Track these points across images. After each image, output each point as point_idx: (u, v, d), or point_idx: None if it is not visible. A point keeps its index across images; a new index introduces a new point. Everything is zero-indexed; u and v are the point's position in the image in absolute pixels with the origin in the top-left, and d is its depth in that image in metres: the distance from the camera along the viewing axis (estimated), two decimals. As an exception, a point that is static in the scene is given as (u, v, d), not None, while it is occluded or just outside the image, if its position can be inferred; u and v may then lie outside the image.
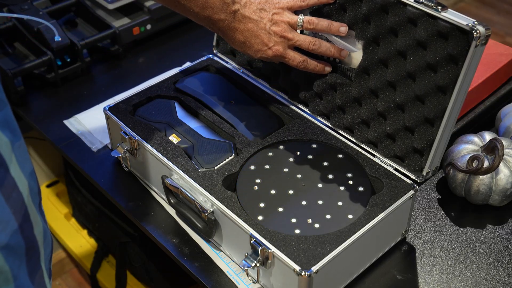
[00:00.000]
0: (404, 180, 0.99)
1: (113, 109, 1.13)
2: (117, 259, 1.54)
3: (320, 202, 0.98)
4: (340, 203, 0.97)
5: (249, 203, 0.97)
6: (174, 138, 1.08)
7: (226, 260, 1.00)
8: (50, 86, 1.37)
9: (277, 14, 1.04)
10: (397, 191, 0.97)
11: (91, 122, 1.27)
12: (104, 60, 1.45)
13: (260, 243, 0.90)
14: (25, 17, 1.35)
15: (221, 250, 1.01)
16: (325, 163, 1.04)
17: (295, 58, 1.06)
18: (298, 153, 1.06)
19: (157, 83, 1.19)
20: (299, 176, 1.02)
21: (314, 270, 0.86)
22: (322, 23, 1.04)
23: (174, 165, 1.01)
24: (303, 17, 1.04)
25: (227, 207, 0.95)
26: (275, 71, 1.17)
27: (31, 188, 0.77)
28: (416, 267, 1.00)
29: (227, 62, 1.24)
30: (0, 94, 0.69)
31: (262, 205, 0.97)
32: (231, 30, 1.03)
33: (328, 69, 1.07)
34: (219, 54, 1.26)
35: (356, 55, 1.04)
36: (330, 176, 1.02)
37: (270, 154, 1.06)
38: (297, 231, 0.93)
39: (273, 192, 0.99)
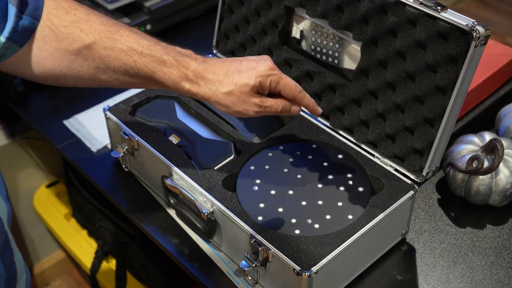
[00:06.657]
0: (404, 180, 0.99)
1: (113, 109, 1.13)
2: (117, 259, 1.54)
3: (320, 202, 0.98)
4: (340, 204, 0.97)
5: (249, 203, 0.97)
6: (174, 138, 1.08)
7: (226, 260, 1.00)
8: (50, 87, 1.36)
9: None
10: (397, 191, 0.97)
11: (91, 122, 1.27)
12: (104, 60, 1.45)
13: (260, 244, 0.90)
14: (25, 17, 1.35)
15: (221, 251, 1.01)
16: (325, 163, 1.04)
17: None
18: (298, 153, 1.06)
19: (157, 83, 1.19)
20: (299, 176, 1.02)
21: (314, 271, 0.86)
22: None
23: (174, 165, 1.01)
24: None
25: (227, 207, 0.95)
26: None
27: (8, 214, 0.74)
28: (416, 267, 1.00)
29: (227, 62, 1.24)
30: None
31: (262, 205, 0.97)
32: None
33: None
34: (218, 54, 1.26)
35: (354, 56, 1.04)
36: (330, 177, 1.02)
37: (270, 154, 1.06)
38: (297, 232, 0.93)
39: (273, 192, 0.99)
